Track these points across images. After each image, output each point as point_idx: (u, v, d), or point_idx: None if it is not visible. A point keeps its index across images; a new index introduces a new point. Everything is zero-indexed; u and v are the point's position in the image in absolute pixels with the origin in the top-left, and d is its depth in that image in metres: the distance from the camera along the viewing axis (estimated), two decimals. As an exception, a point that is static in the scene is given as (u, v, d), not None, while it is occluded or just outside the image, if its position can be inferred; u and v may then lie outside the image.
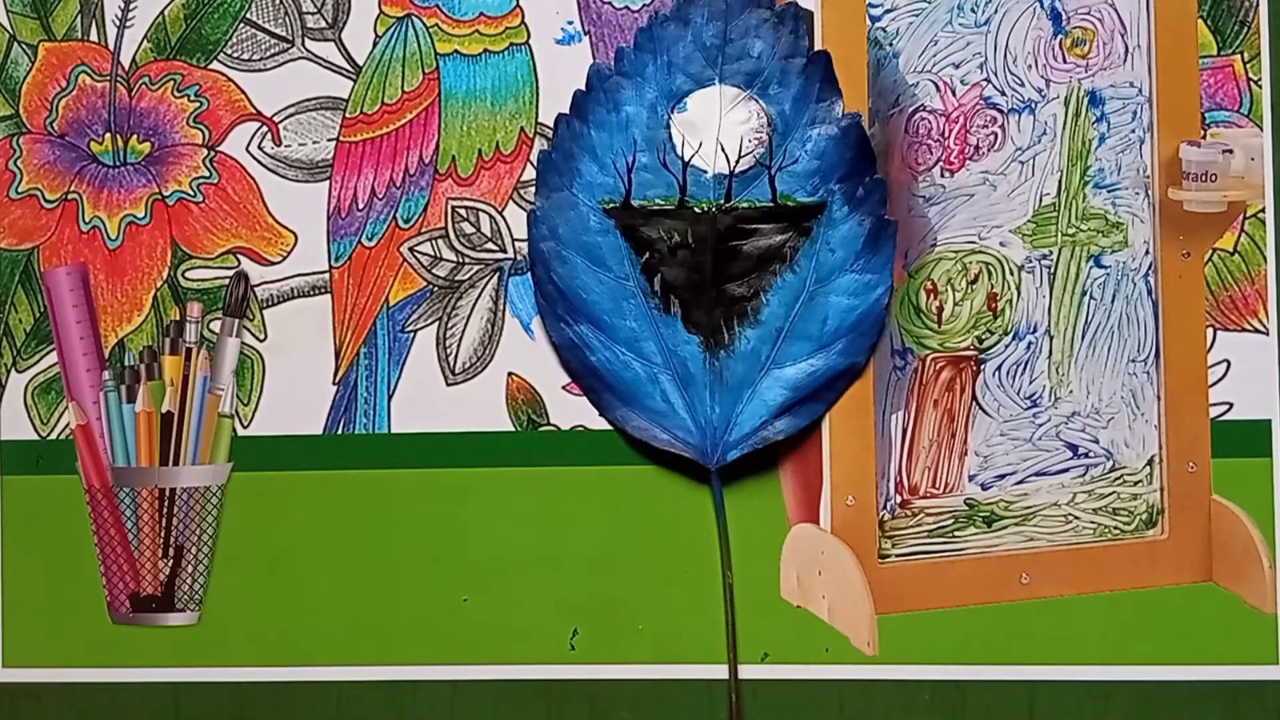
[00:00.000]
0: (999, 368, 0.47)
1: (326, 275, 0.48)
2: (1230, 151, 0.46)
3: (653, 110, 0.46)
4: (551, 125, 0.47)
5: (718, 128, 0.46)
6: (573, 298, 0.46)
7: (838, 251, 0.45)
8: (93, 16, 0.49)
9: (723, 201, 0.46)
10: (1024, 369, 0.47)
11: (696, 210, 0.46)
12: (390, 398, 0.48)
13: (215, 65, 0.49)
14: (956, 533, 0.47)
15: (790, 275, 0.45)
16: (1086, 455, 0.47)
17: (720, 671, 0.46)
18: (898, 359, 0.47)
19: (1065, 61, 0.47)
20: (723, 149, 0.45)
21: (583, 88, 0.47)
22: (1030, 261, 0.47)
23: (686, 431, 0.46)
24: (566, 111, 0.46)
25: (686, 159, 0.46)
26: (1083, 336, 0.46)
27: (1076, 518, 0.46)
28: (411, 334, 0.48)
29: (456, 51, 0.48)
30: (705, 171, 0.46)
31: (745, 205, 0.45)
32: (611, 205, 0.46)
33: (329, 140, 0.48)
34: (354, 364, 0.48)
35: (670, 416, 0.46)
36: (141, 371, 0.48)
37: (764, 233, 0.45)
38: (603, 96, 0.46)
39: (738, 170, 0.46)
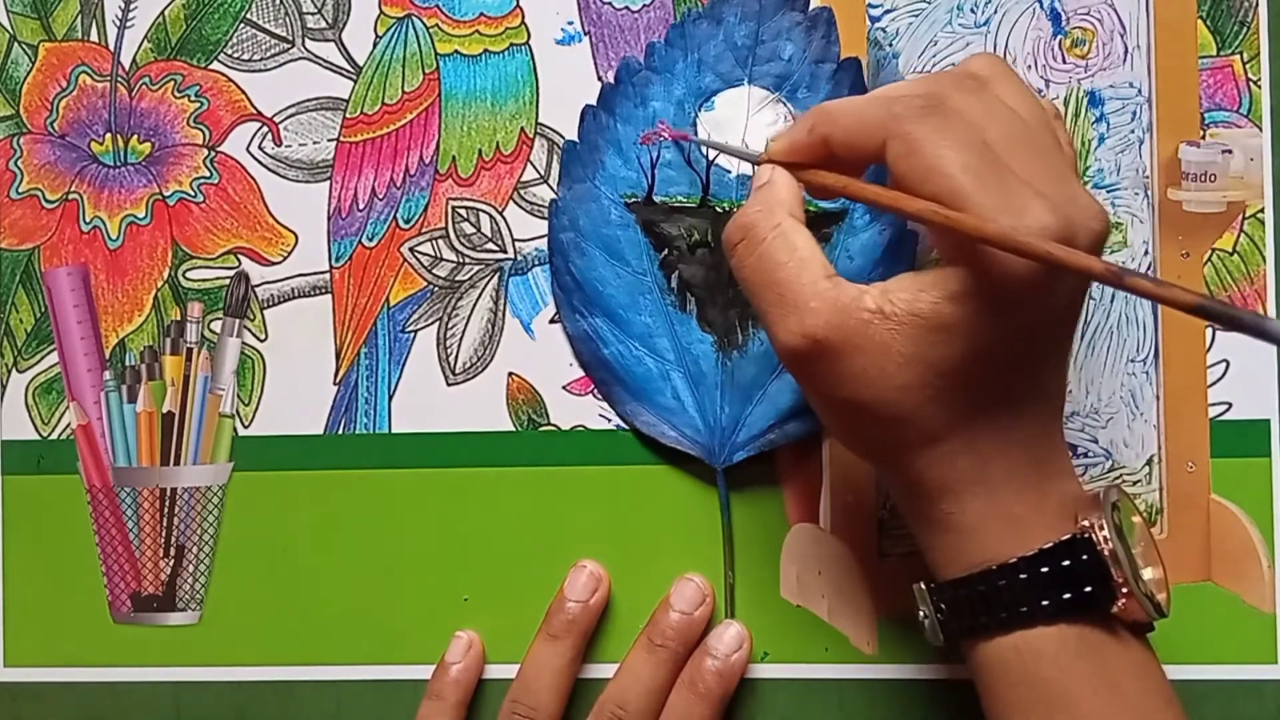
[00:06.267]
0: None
1: (327, 275, 0.48)
2: (1229, 152, 0.46)
3: (680, 107, 0.46)
4: (551, 125, 0.47)
5: (744, 128, 0.46)
6: (589, 290, 0.46)
7: (856, 259, 0.45)
8: (93, 17, 0.49)
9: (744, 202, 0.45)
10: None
11: (718, 210, 0.46)
12: (390, 398, 0.48)
13: (215, 65, 0.49)
14: (956, 532, 0.47)
15: (808, 280, 0.45)
16: (1086, 455, 0.47)
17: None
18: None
19: (1065, 62, 0.47)
20: (748, 150, 0.45)
21: (584, 89, 0.47)
22: (1030, 261, 0.47)
23: (695, 430, 0.46)
24: (593, 103, 0.47)
25: (711, 158, 0.46)
26: (1082, 336, 0.47)
27: (1076, 517, 0.46)
28: (412, 334, 0.48)
29: (457, 52, 0.48)
30: (729, 172, 0.46)
31: None
32: (633, 200, 0.46)
33: (329, 140, 0.48)
34: (354, 364, 0.48)
35: (680, 414, 0.46)
36: (142, 371, 0.49)
37: None
38: (631, 90, 0.46)
39: None
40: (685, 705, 0.44)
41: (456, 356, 0.48)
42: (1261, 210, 0.46)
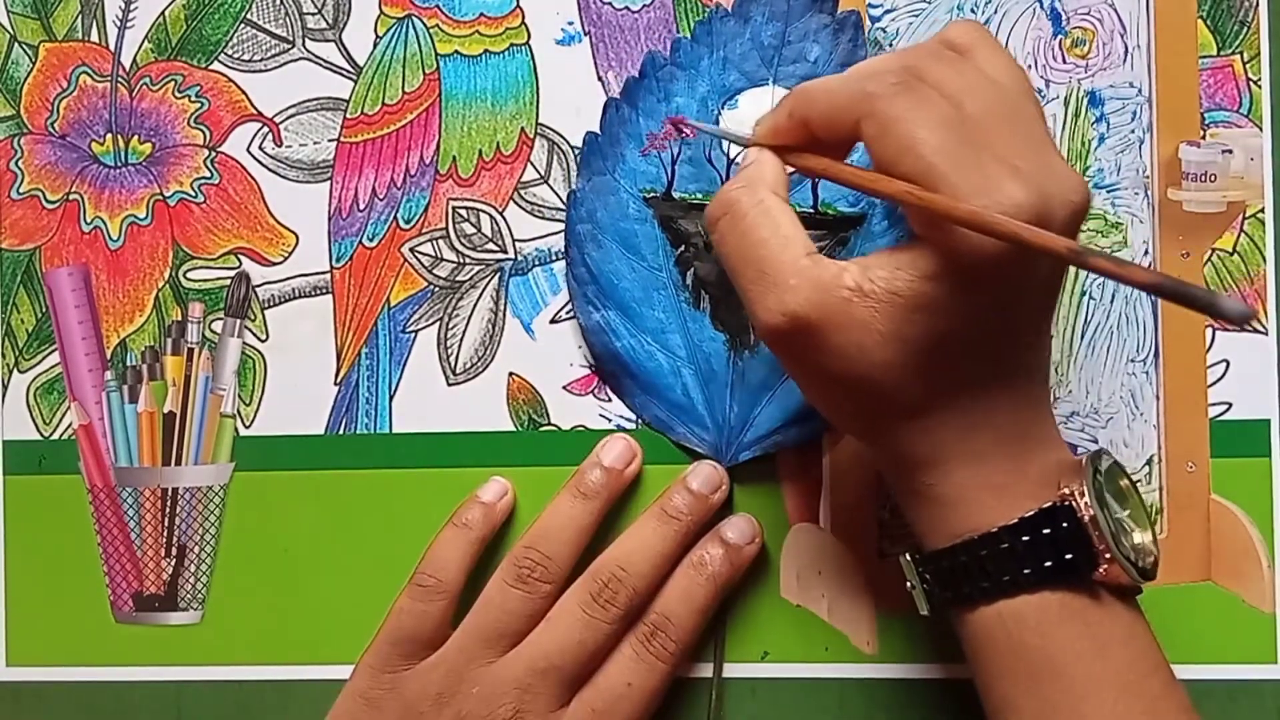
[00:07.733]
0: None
1: (328, 275, 0.48)
2: (1230, 152, 0.46)
3: (703, 104, 0.46)
4: (551, 126, 0.47)
5: None
6: (604, 282, 0.46)
7: None
8: (93, 17, 0.49)
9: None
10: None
11: None
12: (391, 398, 0.48)
13: (216, 66, 0.49)
14: (956, 532, 0.47)
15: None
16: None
17: (724, 670, 0.46)
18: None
19: (1065, 62, 0.46)
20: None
21: (584, 89, 0.47)
22: (1030, 261, 0.47)
23: (703, 428, 0.46)
24: (617, 96, 0.47)
25: (732, 156, 0.46)
26: (1082, 336, 0.47)
27: (1075, 517, 0.46)
28: (412, 334, 0.48)
29: (457, 52, 0.48)
30: None
31: None
32: (652, 195, 0.46)
33: (330, 141, 0.48)
34: (355, 364, 0.48)
35: (689, 411, 0.46)
36: (144, 371, 0.49)
37: None
38: (655, 85, 0.46)
39: None
40: (689, 583, 0.44)
41: (457, 356, 0.48)
42: (1262, 210, 0.46)
